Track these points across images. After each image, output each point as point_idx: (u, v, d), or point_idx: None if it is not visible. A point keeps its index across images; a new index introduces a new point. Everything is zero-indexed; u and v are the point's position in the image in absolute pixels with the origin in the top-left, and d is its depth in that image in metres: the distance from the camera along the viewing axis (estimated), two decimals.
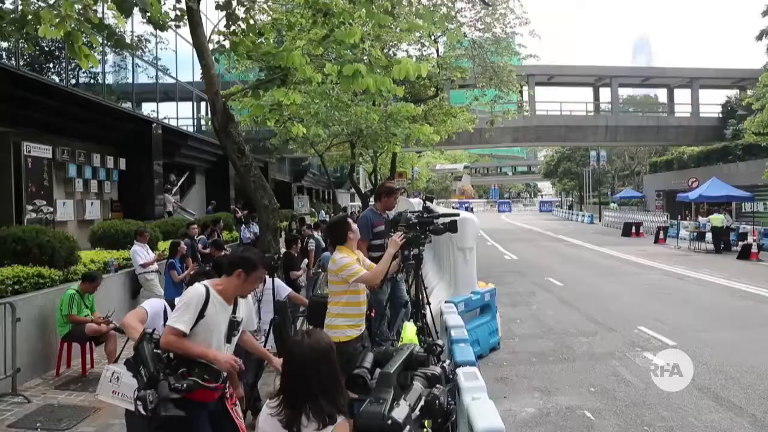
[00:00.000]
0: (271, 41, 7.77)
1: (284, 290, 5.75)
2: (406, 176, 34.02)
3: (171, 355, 3.33)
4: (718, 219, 21.48)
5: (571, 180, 63.42)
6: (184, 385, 3.22)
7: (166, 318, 3.94)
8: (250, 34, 6.93)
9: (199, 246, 11.08)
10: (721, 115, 38.55)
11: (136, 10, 5.47)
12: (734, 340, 8.41)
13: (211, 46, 7.29)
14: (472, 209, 56.26)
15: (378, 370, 1.68)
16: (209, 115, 9.25)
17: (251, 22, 7.08)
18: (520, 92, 23.32)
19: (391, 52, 15.74)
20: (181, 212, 18.77)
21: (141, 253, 9.32)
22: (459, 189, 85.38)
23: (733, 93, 39.85)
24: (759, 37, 41.72)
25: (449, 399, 1.72)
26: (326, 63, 7.26)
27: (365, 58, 7.20)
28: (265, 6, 9.76)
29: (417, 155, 43.86)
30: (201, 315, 3.36)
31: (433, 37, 15.85)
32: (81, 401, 6.04)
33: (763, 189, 28.11)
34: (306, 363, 2.03)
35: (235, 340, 3.67)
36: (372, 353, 1.81)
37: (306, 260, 10.39)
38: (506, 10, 16.53)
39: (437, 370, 1.65)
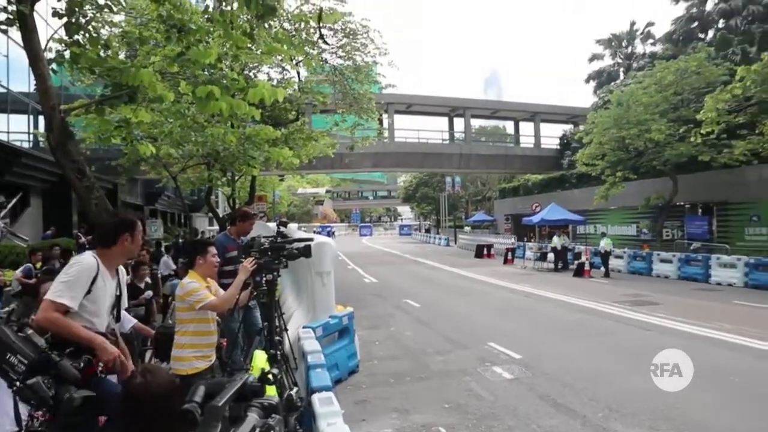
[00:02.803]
0: (121, 55, 7.28)
1: (128, 322, 5.34)
2: (267, 200, 33.46)
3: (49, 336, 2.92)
4: (554, 241, 23.81)
5: (429, 204, 66.44)
6: (81, 364, 2.86)
7: None
8: (95, 46, 6.44)
9: (19, 275, 9.73)
10: (559, 147, 42.78)
11: None
12: (570, 349, 9.22)
13: (50, 55, 6.65)
14: (333, 233, 56.66)
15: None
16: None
17: (94, 34, 6.59)
18: (380, 120, 24.03)
19: (252, 74, 15.51)
20: (10, 237, 16.83)
21: None
22: (321, 213, 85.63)
23: (568, 127, 44.38)
24: (587, 80, 47.20)
25: (297, 426, 1.68)
26: (181, 82, 6.94)
27: (224, 80, 7.00)
28: (113, 19, 9.16)
29: (278, 179, 43.42)
30: (88, 290, 3.02)
31: (294, 61, 15.90)
32: None
33: (594, 213, 31.43)
34: (155, 402, 1.88)
35: (119, 317, 3.40)
36: (203, 386, 1.72)
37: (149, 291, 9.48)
38: (367, 40, 17.03)
39: (274, 399, 1.60)
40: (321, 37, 12.53)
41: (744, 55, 27.43)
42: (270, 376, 1.84)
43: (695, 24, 37.06)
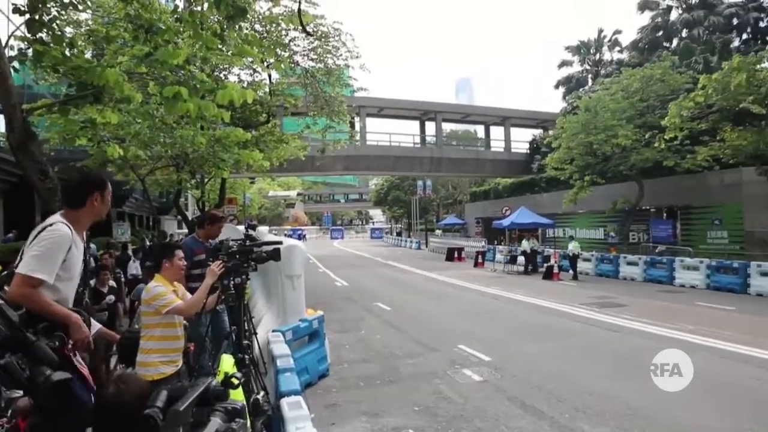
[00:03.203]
0: (87, 54, 7.11)
1: (93, 326, 5.21)
2: (237, 203, 33.12)
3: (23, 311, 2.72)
4: (524, 244, 24.13)
5: (401, 207, 66.63)
6: (56, 343, 2.69)
7: None
8: (59, 45, 6.28)
9: None
10: (528, 152, 43.35)
11: None
12: (538, 351, 9.34)
13: (11, 52, 6.46)
14: (304, 236, 56.43)
15: None
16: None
17: (58, 32, 6.42)
18: (351, 123, 24.00)
19: (222, 76, 15.33)
20: None
21: None
22: (292, 216, 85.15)
23: (538, 132, 45.04)
24: (556, 86, 47.97)
25: (263, 430, 1.67)
26: (149, 82, 6.81)
27: (193, 82, 6.89)
28: (78, 17, 8.96)
29: (249, 181, 43.04)
30: (63, 259, 2.85)
31: (265, 63, 15.79)
32: None
33: (563, 217, 31.92)
34: (128, 410, 1.85)
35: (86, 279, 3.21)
36: (166, 390, 1.69)
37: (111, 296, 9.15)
38: (339, 42, 17.01)
39: (238, 403, 1.59)
40: (304, 30, 12.48)
41: (706, 64, 28.24)
42: (234, 380, 1.82)
43: (660, 33, 38.04)
